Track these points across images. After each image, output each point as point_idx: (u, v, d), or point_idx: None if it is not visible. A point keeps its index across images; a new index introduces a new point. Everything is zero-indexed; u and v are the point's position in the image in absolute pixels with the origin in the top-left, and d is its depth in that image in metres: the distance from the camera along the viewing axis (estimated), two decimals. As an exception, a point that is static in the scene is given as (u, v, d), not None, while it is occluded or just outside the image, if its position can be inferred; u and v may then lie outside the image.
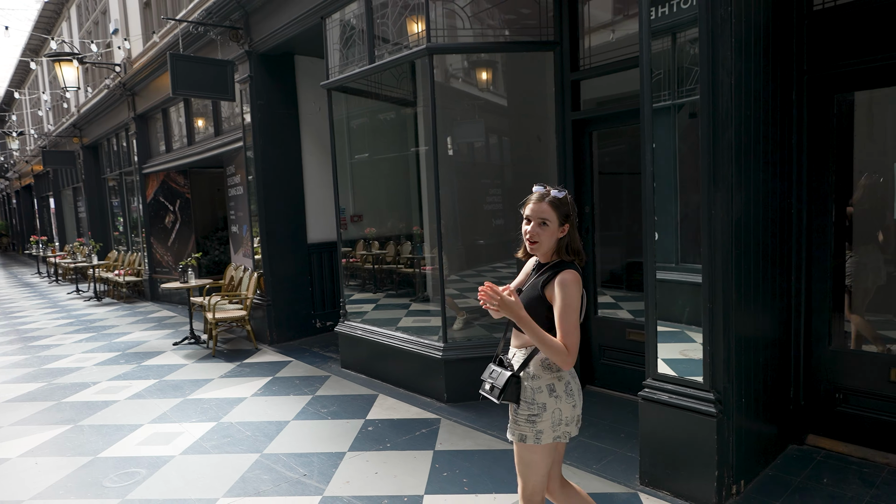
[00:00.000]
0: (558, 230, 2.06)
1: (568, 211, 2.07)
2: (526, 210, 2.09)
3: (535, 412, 2.04)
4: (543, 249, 2.08)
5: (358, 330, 5.62)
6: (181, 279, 7.30)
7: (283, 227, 7.07)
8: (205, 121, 8.96)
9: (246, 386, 5.43)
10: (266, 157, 6.88)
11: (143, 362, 6.49)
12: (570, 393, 2.09)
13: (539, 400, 2.04)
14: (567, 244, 2.08)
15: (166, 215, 10.47)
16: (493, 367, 2.16)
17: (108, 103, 11.82)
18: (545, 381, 2.05)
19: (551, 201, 2.05)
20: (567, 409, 2.07)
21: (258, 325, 7.13)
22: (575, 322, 1.97)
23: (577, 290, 1.99)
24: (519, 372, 2.08)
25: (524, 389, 2.06)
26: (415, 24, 5.06)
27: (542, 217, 2.04)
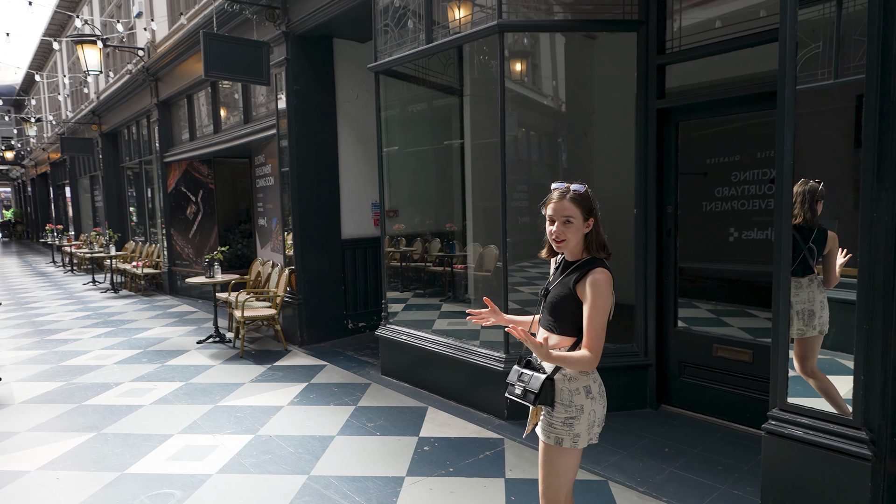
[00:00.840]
0: (583, 226, 2.02)
1: (591, 205, 2.03)
2: (548, 210, 2.05)
3: (572, 415, 2.01)
4: (570, 247, 2.04)
5: (402, 335, 5.18)
6: (207, 273, 6.88)
7: (317, 221, 6.63)
8: (233, 107, 8.54)
9: (281, 393, 4.99)
10: (301, 147, 6.44)
11: (167, 362, 6.08)
12: (602, 394, 2.09)
13: (577, 402, 2.01)
14: (595, 240, 2.04)
15: (188, 206, 10.08)
16: (522, 370, 2.10)
17: (130, 89, 11.44)
18: (582, 383, 2.03)
19: (573, 198, 2.01)
20: (600, 410, 2.07)
21: (287, 325, 6.70)
22: (603, 324, 1.95)
23: (608, 291, 1.96)
24: (554, 374, 2.03)
25: (560, 392, 2.02)
26: (470, 4, 4.61)
27: (565, 215, 2.01)
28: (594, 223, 2.04)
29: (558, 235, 2.02)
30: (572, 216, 2.00)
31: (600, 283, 1.94)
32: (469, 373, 4.48)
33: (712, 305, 4.40)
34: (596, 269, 1.97)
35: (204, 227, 9.76)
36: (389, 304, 5.62)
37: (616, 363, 4.25)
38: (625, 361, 4.27)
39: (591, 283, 1.94)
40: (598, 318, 1.93)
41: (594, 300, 1.93)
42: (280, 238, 7.09)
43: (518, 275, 5.64)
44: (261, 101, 7.65)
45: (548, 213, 2.05)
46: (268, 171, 7.37)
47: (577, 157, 8.10)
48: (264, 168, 7.49)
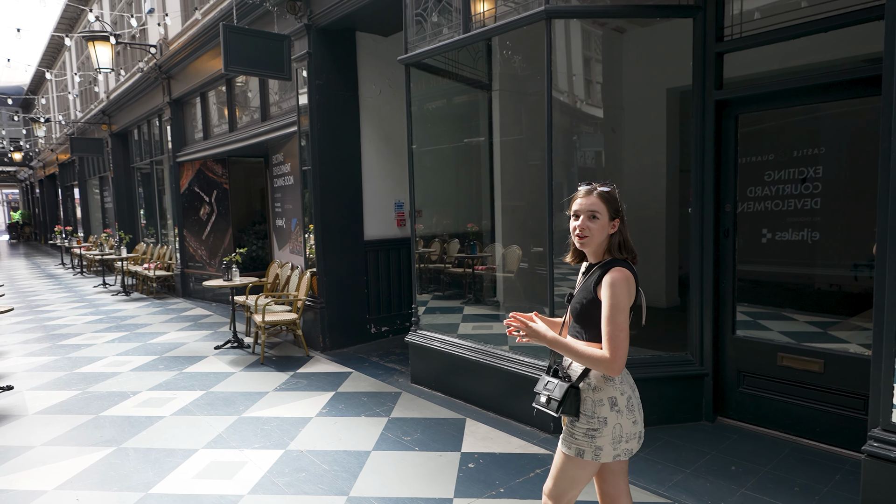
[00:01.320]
0: (609, 225, 1.96)
1: (618, 206, 1.98)
2: (574, 205, 1.99)
3: (594, 426, 1.93)
4: (593, 245, 1.97)
5: (434, 341, 4.91)
6: (224, 276, 6.64)
7: (339, 221, 6.38)
8: (249, 105, 8.30)
9: (307, 403, 4.73)
10: (323, 144, 6.19)
11: (185, 368, 5.83)
12: (632, 408, 1.96)
13: (600, 414, 1.92)
14: (619, 241, 1.96)
15: (201, 207, 9.84)
16: (548, 378, 2.03)
17: (141, 87, 11.23)
18: (607, 394, 1.93)
19: (600, 194, 1.96)
20: (627, 425, 1.94)
21: (308, 330, 6.45)
22: (621, 325, 1.84)
23: (625, 290, 1.87)
24: (578, 383, 1.97)
25: (584, 402, 1.95)
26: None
27: (591, 210, 1.94)
28: (620, 224, 1.98)
29: (582, 231, 1.95)
30: (598, 212, 1.94)
31: (616, 282, 1.86)
32: (510, 382, 4.21)
33: (745, 308, 4.12)
34: (614, 268, 1.90)
35: (218, 228, 9.53)
36: (411, 308, 5.36)
37: (669, 373, 3.98)
38: (678, 371, 3.99)
39: (607, 283, 1.88)
40: (616, 318, 1.84)
41: (609, 300, 1.86)
42: (300, 239, 6.84)
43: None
44: (279, 98, 7.40)
45: (573, 210, 1.99)
46: (287, 170, 7.13)
47: (606, 156, 7.82)
48: (283, 167, 7.24)
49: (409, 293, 7.06)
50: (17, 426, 4.41)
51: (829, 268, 4.01)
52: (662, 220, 7.50)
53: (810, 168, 3.88)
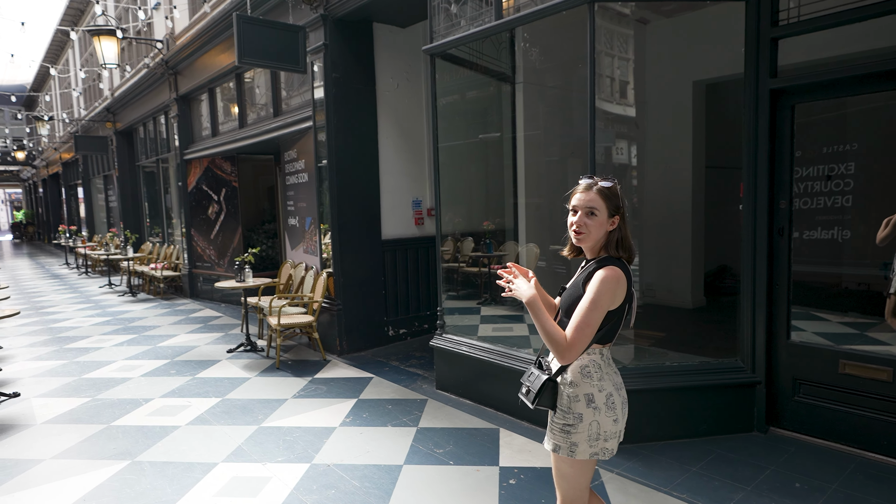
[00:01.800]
0: (608, 222, 1.93)
1: (618, 203, 1.94)
2: (572, 200, 1.96)
3: (569, 422, 1.91)
4: (590, 241, 1.94)
5: (462, 346, 4.67)
6: (237, 277, 6.40)
7: (357, 220, 6.14)
8: (260, 100, 8.06)
9: (329, 411, 4.50)
10: (340, 140, 5.94)
11: (198, 374, 5.60)
12: (612, 406, 1.93)
13: (575, 409, 1.91)
14: (618, 239, 1.93)
15: (209, 205, 9.61)
16: (532, 370, 2.04)
17: (147, 84, 10.99)
18: (583, 391, 1.91)
19: (600, 190, 1.92)
20: (607, 424, 1.91)
21: (324, 333, 6.21)
22: (592, 321, 1.82)
23: (611, 290, 1.84)
24: (556, 376, 1.96)
25: (561, 395, 1.94)
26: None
27: (589, 206, 1.92)
28: (620, 222, 1.94)
29: (579, 227, 1.92)
30: (597, 208, 1.91)
31: (605, 280, 1.83)
32: (547, 390, 3.96)
33: (823, 313, 3.91)
34: (607, 265, 1.87)
35: (227, 227, 9.29)
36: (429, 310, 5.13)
37: (718, 380, 3.73)
38: (728, 378, 3.74)
39: (597, 278, 1.85)
40: (589, 312, 1.82)
41: (591, 293, 1.84)
42: (315, 239, 6.60)
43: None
44: (292, 93, 7.16)
45: (571, 204, 1.96)
46: (300, 167, 6.88)
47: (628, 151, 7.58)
48: (296, 164, 7.00)
49: (427, 295, 6.83)
50: (25, 437, 4.18)
51: (859, 267, 3.84)
52: (688, 217, 7.25)
53: (841, 164, 3.69)
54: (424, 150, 6.73)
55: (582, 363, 1.93)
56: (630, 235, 1.96)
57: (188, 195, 10.02)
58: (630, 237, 1.96)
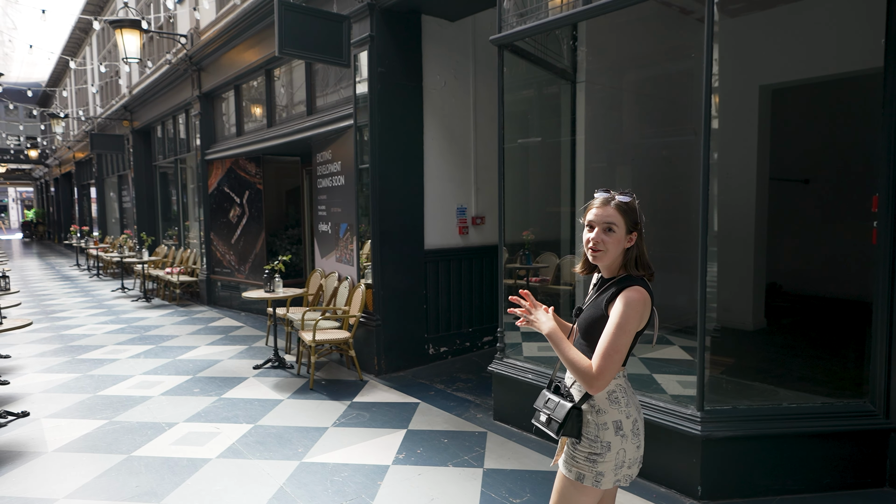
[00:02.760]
0: (626, 238, 1.81)
1: (636, 218, 1.83)
2: (588, 215, 1.85)
3: (597, 451, 1.78)
4: (608, 259, 1.82)
5: (528, 373, 4.13)
6: (266, 287, 5.90)
7: (399, 228, 5.64)
8: (291, 98, 7.59)
9: (378, 444, 3.97)
10: (384, 140, 5.45)
11: (224, 393, 5.08)
12: (637, 432, 1.82)
13: (604, 438, 1.78)
14: (636, 256, 1.82)
15: (231, 208, 9.14)
16: (549, 395, 1.90)
17: (168, 81, 10.58)
18: (611, 418, 1.79)
19: (618, 205, 1.81)
20: (631, 450, 1.81)
21: (359, 349, 5.69)
22: (620, 347, 1.70)
23: (638, 312, 1.72)
24: (581, 403, 1.82)
25: (587, 423, 1.81)
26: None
27: (607, 222, 1.80)
28: (637, 238, 1.84)
29: (596, 244, 1.82)
30: (615, 224, 1.81)
31: (632, 302, 1.73)
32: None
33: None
34: (632, 286, 1.77)
35: (249, 231, 8.81)
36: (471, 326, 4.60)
37: (843, 426, 3.18)
38: (856, 424, 3.19)
39: (623, 301, 1.74)
40: (617, 338, 1.71)
41: (618, 318, 1.72)
42: (351, 247, 6.09)
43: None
44: (327, 90, 6.68)
45: (587, 220, 1.86)
46: (335, 170, 6.39)
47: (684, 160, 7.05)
48: (330, 166, 6.51)
49: (470, 310, 6.31)
50: (35, 468, 3.67)
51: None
52: (750, 232, 6.71)
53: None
54: (471, 153, 6.23)
55: (609, 389, 1.82)
56: (646, 252, 1.86)
57: (208, 197, 9.55)
58: (646, 253, 1.86)
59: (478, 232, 6.34)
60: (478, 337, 6.39)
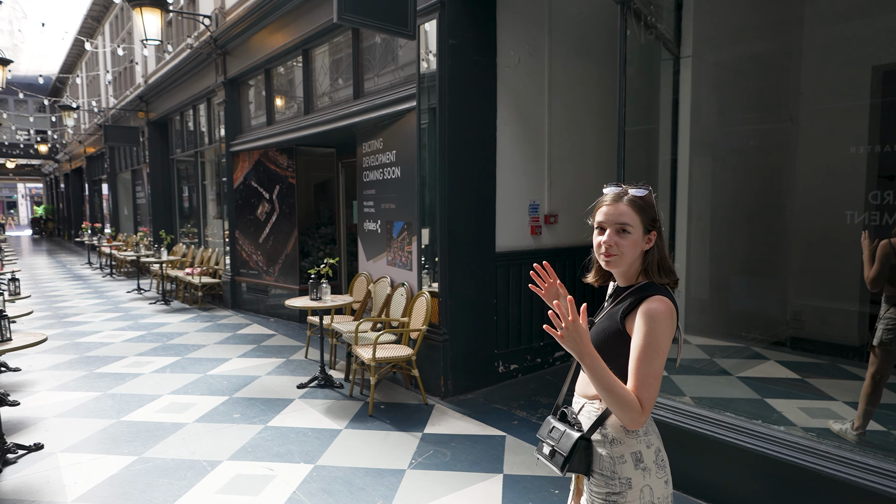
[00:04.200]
0: (643, 239, 1.54)
1: (654, 214, 1.56)
2: (597, 215, 1.57)
3: (615, 490, 1.48)
4: (624, 265, 1.55)
5: (666, 410, 3.33)
6: (312, 294, 5.14)
7: (469, 227, 4.87)
8: (333, 80, 6.81)
9: (475, 496, 3.19)
10: (454, 125, 4.68)
11: (270, 420, 4.32)
12: (662, 465, 1.53)
13: (622, 474, 1.49)
14: (657, 260, 1.54)
15: (259, 204, 8.38)
16: (554, 423, 1.60)
17: (189, 67, 9.83)
18: (629, 449, 1.50)
19: (632, 201, 1.53)
20: (659, 487, 1.50)
21: (421, 367, 4.91)
22: (657, 370, 1.41)
23: (669, 327, 1.44)
24: (590, 434, 1.53)
25: (599, 458, 1.52)
26: None
27: (620, 221, 1.53)
28: (657, 238, 1.55)
29: (609, 248, 1.52)
30: (630, 224, 1.52)
31: (658, 316, 1.43)
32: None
33: None
34: (654, 296, 1.47)
35: (279, 229, 8.05)
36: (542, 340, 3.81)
37: None
38: None
39: (646, 314, 1.44)
40: (652, 360, 1.40)
41: (646, 337, 1.41)
42: (409, 248, 5.32)
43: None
44: (378, 70, 5.91)
45: (596, 220, 1.57)
46: (388, 160, 5.62)
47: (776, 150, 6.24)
48: (381, 156, 5.73)
49: (541, 322, 5.51)
50: (51, 527, 2.92)
51: None
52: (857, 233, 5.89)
53: None
54: (544, 143, 5.45)
55: None
56: (668, 255, 1.58)
57: (233, 192, 8.81)
58: (668, 257, 1.57)
59: (550, 232, 5.55)
60: (549, 352, 5.62)
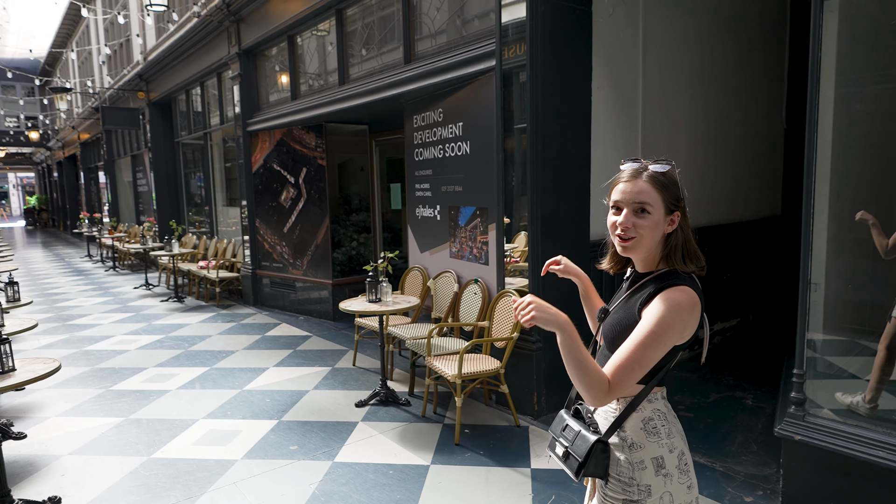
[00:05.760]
0: (665, 221, 1.36)
1: (678, 193, 1.38)
2: (613, 193, 1.40)
3: (633, 497, 1.35)
4: (643, 250, 1.38)
5: (866, 445, 2.54)
6: (369, 294, 4.31)
7: (561, 212, 4.04)
8: (377, 45, 5.91)
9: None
10: (547, 88, 3.82)
11: (336, 453, 3.53)
12: (685, 469, 1.39)
13: (641, 480, 1.35)
14: (682, 244, 1.37)
15: (283, 190, 7.51)
16: (567, 420, 1.45)
17: (195, 39, 8.88)
18: (650, 453, 1.36)
19: (653, 178, 1.35)
20: (681, 493, 1.37)
21: (510, 381, 4.10)
22: (647, 359, 1.28)
23: (684, 319, 1.28)
24: (608, 437, 1.38)
25: (617, 462, 1.38)
26: None
27: (639, 200, 1.35)
28: (682, 220, 1.37)
29: (626, 230, 1.35)
30: (650, 203, 1.34)
31: (676, 306, 1.28)
32: None
33: None
34: (676, 285, 1.31)
35: (307, 217, 7.20)
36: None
37: None
38: None
39: (662, 302, 1.29)
40: (645, 347, 1.27)
41: (653, 325, 1.27)
42: (483, 238, 4.49)
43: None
44: (433, 30, 5.03)
45: (612, 199, 1.39)
46: (451, 134, 4.76)
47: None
48: (442, 130, 4.87)
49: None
50: None
51: None
52: None
53: None
54: (638, 110, 4.59)
55: (645, 416, 1.38)
56: (694, 239, 1.38)
57: (252, 177, 7.93)
58: (693, 240, 1.38)
59: (644, 216, 4.72)
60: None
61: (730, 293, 5.64)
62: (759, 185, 6.02)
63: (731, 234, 5.55)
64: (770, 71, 5.96)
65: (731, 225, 5.55)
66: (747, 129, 5.74)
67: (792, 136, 6.20)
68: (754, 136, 5.85)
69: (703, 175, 5.23)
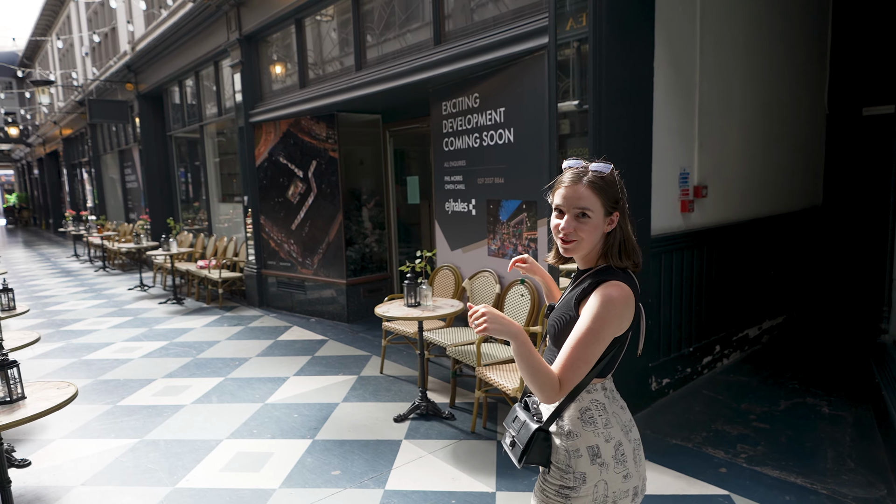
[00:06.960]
0: (604, 222, 1.42)
1: (617, 194, 1.43)
2: (556, 197, 1.44)
3: (569, 484, 1.40)
4: (583, 251, 1.44)
5: None
6: (408, 299, 3.91)
7: (624, 205, 3.65)
8: (395, 28, 5.48)
9: None
10: (611, 66, 3.44)
11: (387, 481, 3.14)
12: (622, 459, 1.43)
13: (577, 468, 1.40)
14: (620, 242, 1.43)
15: (290, 184, 7.07)
16: (518, 412, 1.52)
17: (190, 26, 8.37)
18: (585, 443, 1.41)
19: (592, 182, 1.40)
20: (616, 482, 1.41)
21: (563, 391, 3.74)
22: (589, 355, 1.32)
23: (617, 315, 1.34)
24: (548, 425, 1.44)
25: (556, 450, 1.43)
26: None
27: (580, 206, 1.39)
28: (621, 219, 1.44)
29: (567, 234, 1.41)
30: (589, 208, 1.39)
31: (609, 301, 1.33)
32: None
33: None
34: (611, 281, 1.37)
35: (318, 213, 6.77)
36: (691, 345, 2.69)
37: None
38: None
39: (598, 299, 1.34)
40: (586, 343, 1.32)
41: (591, 321, 1.32)
42: (529, 235, 4.12)
43: None
44: (466, 8, 4.61)
45: (555, 202, 1.44)
46: (490, 121, 4.36)
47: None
48: (478, 117, 4.48)
49: (690, 323, 4.37)
50: None
51: None
52: None
53: None
54: (695, 92, 4.23)
55: (582, 406, 1.43)
56: (633, 234, 1.45)
57: (256, 171, 7.47)
58: (633, 237, 1.45)
59: (700, 209, 4.38)
60: (697, 359, 4.49)
61: (776, 289, 5.33)
62: (802, 173, 5.70)
63: (777, 227, 5.23)
64: (813, 54, 5.63)
65: (777, 217, 5.23)
66: (794, 114, 5.42)
67: (834, 121, 5.89)
68: (800, 121, 5.53)
69: (752, 163, 4.90)
